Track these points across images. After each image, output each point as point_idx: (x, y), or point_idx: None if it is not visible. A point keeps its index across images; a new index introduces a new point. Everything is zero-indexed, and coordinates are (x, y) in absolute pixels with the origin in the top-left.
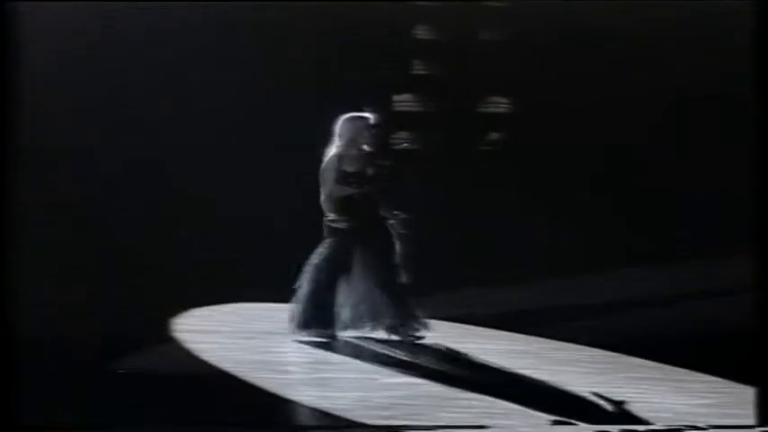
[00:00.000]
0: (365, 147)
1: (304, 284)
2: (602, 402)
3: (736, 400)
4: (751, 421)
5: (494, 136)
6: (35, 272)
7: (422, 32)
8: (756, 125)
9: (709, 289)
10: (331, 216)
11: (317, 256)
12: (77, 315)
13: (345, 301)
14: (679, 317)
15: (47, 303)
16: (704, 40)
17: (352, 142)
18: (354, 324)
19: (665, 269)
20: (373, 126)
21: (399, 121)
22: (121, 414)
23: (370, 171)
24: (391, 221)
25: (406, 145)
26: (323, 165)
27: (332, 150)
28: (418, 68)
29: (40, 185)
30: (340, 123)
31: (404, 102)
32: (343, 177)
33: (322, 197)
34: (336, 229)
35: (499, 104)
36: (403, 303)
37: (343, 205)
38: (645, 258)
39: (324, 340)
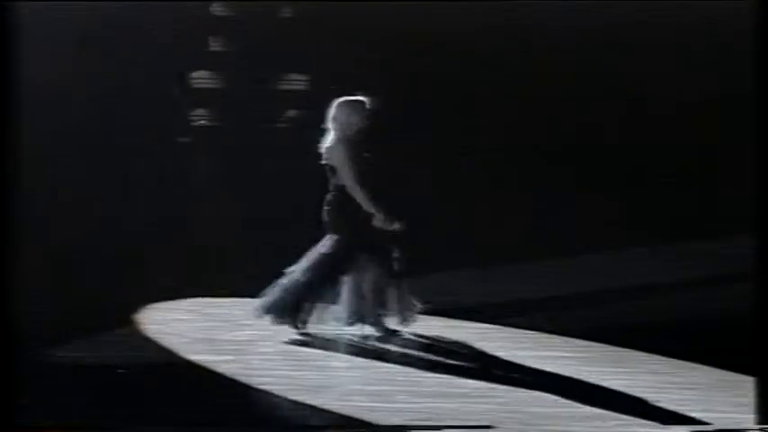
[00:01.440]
0: (360, 130)
1: (294, 277)
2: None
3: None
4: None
5: (291, 113)
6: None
7: (220, 9)
8: (756, 125)
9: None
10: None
11: (323, 248)
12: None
13: (345, 295)
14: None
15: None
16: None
17: (348, 126)
18: (350, 318)
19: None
20: (368, 109)
21: (196, 97)
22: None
23: (369, 158)
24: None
25: (203, 122)
26: (327, 154)
27: (330, 136)
28: (216, 46)
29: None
30: (335, 108)
31: (201, 79)
32: (353, 161)
33: (339, 185)
34: (338, 224)
35: (295, 82)
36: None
37: (338, 196)
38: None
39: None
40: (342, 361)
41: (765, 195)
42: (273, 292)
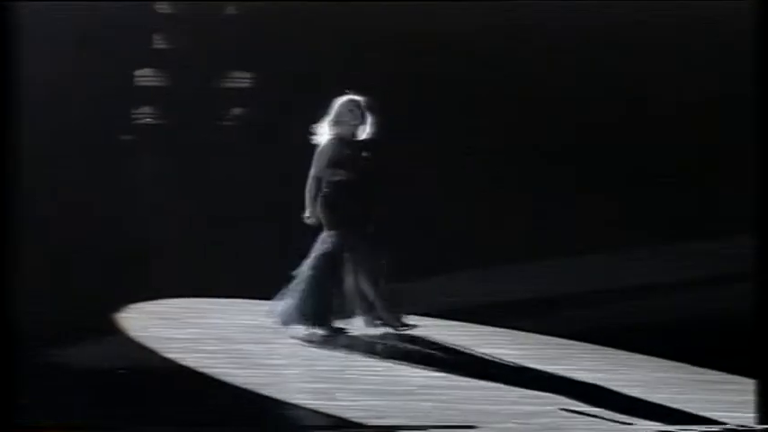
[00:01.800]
0: (358, 131)
1: (301, 278)
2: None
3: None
4: None
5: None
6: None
7: (162, 7)
8: (756, 125)
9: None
10: (309, 207)
11: (315, 251)
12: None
13: (341, 295)
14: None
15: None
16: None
17: (345, 126)
18: (349, 317)
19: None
20: (366, 109)
21: (141, 95)
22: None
23: (364, 155)
24: (377, 212)
25: (148, 120)
26: (319, 148)
27: (328, 134)
28: (160, 43)
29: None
30: (335, 106)
31: (145, 76)
32: (338, 161)
33: (308, 184)
34: (334, 222)
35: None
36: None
37: (334, 194)
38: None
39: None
40: (283, 358)
41: (765, 195)
42: (288, 299)
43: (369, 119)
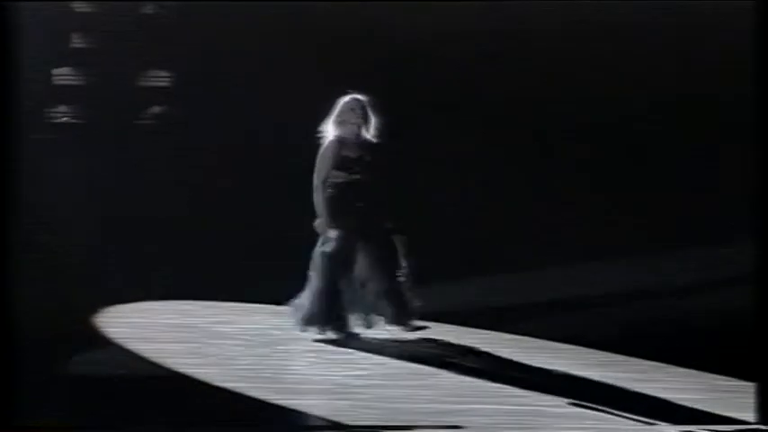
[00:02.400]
0: (362, 131)
1: (312, 281)
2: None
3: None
4: None
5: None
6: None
7: (81, 6)
8: (756, 125)
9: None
10: (320, 208)
11: (322, 253)
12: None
13: (352, 297)
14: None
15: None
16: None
17: (348, 125)
18: (363, 320)
19: None
20: (368, 109)
21: (60, 94)
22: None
23: (367, 158)
24: (386, 214)
25: (65, 119)
26: (321, 151)
27: (330, 135)
28: (78, 42)
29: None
30: (338, 106)
31: (63, 75)
32: (342, 162)
33: (315, 191)
34: (338, 224)
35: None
36: (402, 297)
37: (337, 195)
38: None
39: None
40: (202, 357)
41: (765, 198)
42: (305, 304)
43: (372, 118)
